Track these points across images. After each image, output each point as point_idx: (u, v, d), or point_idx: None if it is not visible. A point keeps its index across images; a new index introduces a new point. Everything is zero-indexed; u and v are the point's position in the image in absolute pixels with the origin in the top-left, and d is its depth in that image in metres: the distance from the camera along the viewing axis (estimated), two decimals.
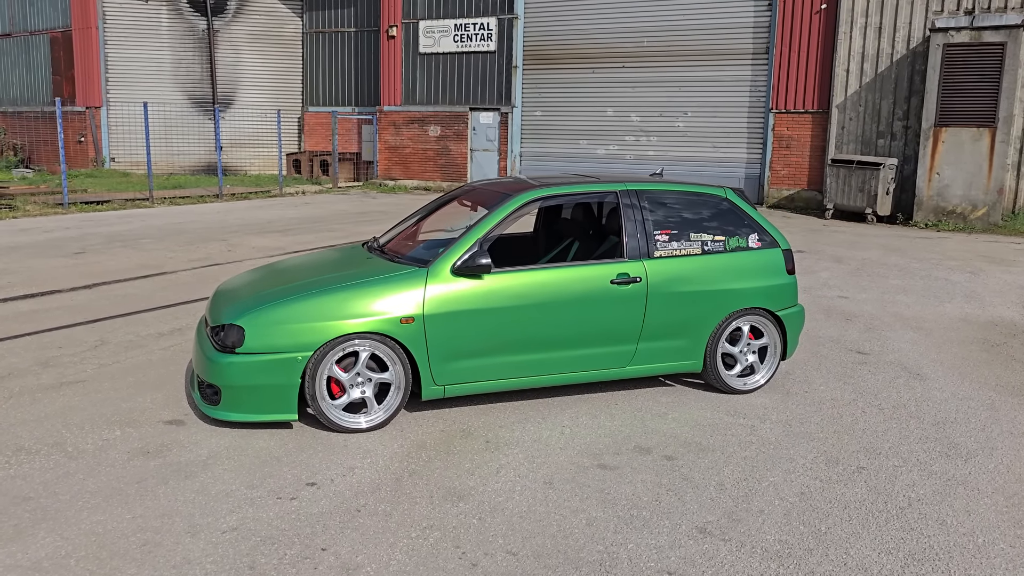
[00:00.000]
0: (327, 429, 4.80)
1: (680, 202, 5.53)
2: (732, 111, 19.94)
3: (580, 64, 21.47)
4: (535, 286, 5.02)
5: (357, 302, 4.72)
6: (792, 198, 19.10)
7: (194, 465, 4.29)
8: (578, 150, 21.82)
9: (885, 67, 17.84)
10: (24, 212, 15.76)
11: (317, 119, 26.35)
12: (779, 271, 5.65)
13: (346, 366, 4.77)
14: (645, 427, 4.97)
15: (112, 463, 4.29)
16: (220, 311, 4.91)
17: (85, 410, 5.07)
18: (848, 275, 10.54)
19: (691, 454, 4.57)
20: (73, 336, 6.86)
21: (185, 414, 5.03)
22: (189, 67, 25.92)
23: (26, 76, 27.87)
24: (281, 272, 5.43)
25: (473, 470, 4.31)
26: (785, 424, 5.08)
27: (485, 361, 4.99)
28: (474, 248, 4.92)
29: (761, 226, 5.70)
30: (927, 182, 16.54)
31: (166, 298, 8.41)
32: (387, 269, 5.00)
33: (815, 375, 6.14)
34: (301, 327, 4.62)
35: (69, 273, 9.65)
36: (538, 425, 4.97)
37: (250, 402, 4.64)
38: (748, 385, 5.65)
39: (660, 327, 5.32)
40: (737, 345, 5.62)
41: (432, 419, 5.05)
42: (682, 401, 5.47)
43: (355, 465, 4.33)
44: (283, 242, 12.49)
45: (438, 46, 22.92)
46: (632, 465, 4.40)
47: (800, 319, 5.81)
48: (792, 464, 4.47)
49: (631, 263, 5.26)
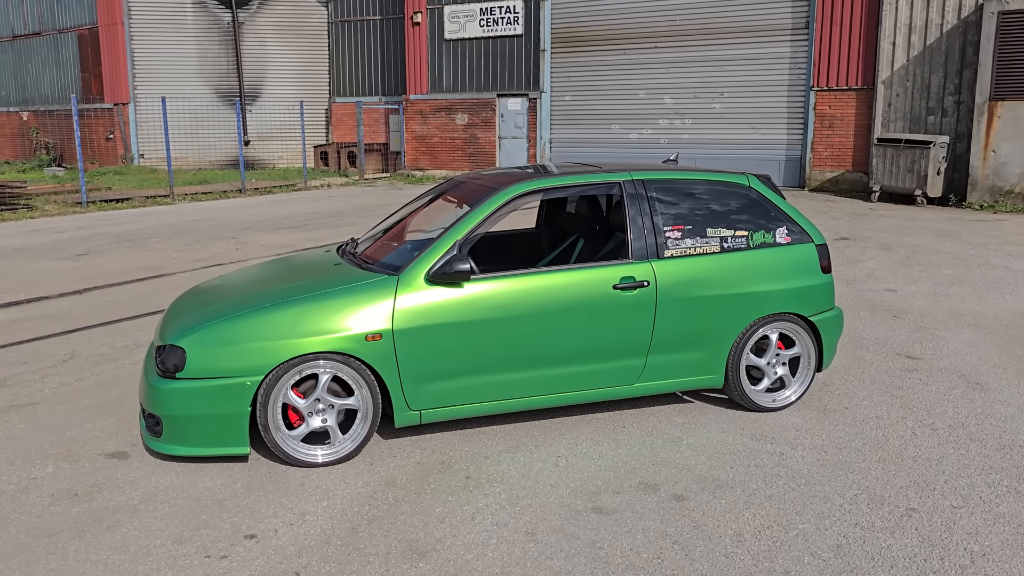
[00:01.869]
0: (283, 462, 4.19)
1: (695, 192, 4.78)
2: (771, 90, 18.92)
3: (610, 45, 20.60)
4: (524, 294, 4.33)
5: (315, 317, 4.08)
6: (836, 180, 18.07)
7: (122, 511, 3.70)
8: (610, 135, 20.98)
9: (934, 39, 16.70)
10: (42, 212, 15.49)
11: (344, 110, 25.85)
12: (812, 270, 4.89)
13: (305, 391, 4.14)
14: (654, 456, 4.27)
15: (30, 509, 3.73)
16: (167, 328, 4.31)
17: (24, 440, 4.53)
18: (896, 264, 9.65)
19: (705, 492, 3.86)
20: (43, 349, 6.35)
21: (132, 445, 4.46)
22: (215, 60, 25.59)
23: (56, 74, 27.84)
24: (237, 283, 4.81)
25: (445, 515, 3.66)
26: (820, 451, 4.34)
27: (467, 381, 4.32)
28: (452, 252, 4.25)
29: (790, 218, 4.93)
30: (982, 160, 15.43)
31: (155, 303, 7.89)
32: (353, 277, 4.35)
33: (857, 386, 5.36)
34: (250, 347, 4.00)
35: (64, 277, 9.21)
36: (529, 455, 4.30)
37: (195, 434, 4.04)
38: (777, 402, 4.91)
39: (673, 338, 4.61)
40: (764, 356, 4.87)
41: (409, 448, 4.40)
42: (700, 422, 4.75)
43: (307, 510, 3.71)
44: (295, 239, 11.95)
45: (464, 31, 22.22)
46: (634, 508, 3.71)
47: (838, 325, 5.03)
48: (827, 505, 3.73)
49: (637, 265, 4.54)
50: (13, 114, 29.30)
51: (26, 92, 28.93)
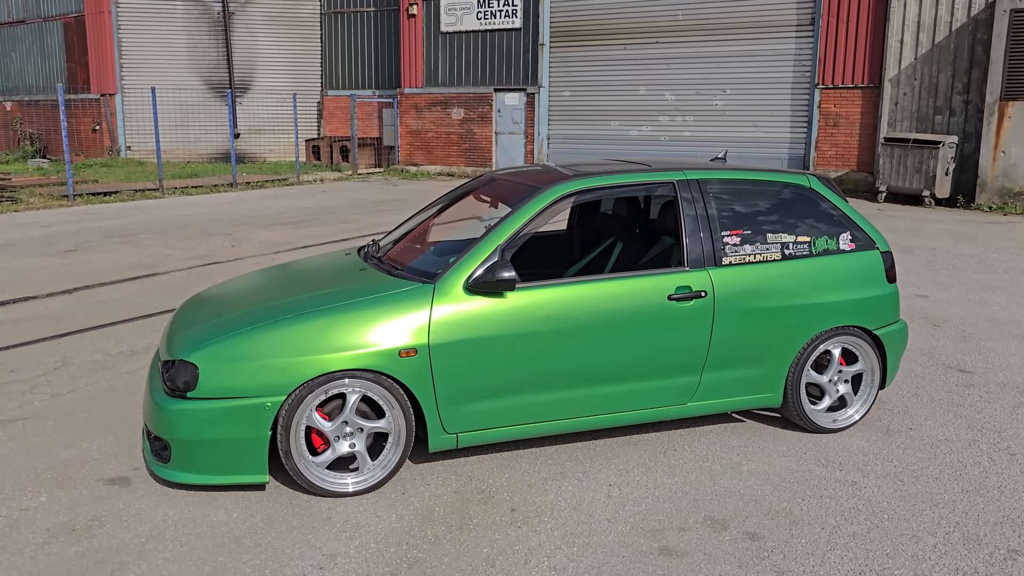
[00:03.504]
0: (306, 491, 3.76)
1: (753, 194, 4.38)
2: (774, 87, 18.57)
3: (611, 40, 20.18)
4: (572, 305, 3.92)
5: (343, 330, 3.65)
6: (840, 180, 17.74)
7: (127, 551, 3.27)
8: (609, 131, 20.57)
9: (943, 37, 16.39)
10: (28, 205, 14.94)
11: (337, 103, 25.30)
12: (877, 279, 4.50)
13: (330, 412, 3.72)
14: (716, 486, 3.87)
15: (21, 548, 3.28)
16: (173, 340, 3.87)
17: (14, 462, 4.08)
18: (921, 268, 9.31)
19: (781, 530, 3.46)
20: (32, 355, 5.89)
21: (134, 469, 4.02)
22: (205, 51, 24.97)
23: (40, 64, 27.12)
24: (250, 289, 4.36)
25: (494, 557, 3.24)
26: (895, 480, 3.95)
27: (508, 401, 3.90)
28: (494, 258, 3.83)
29: (854, 222, 4.54)
30: (991, 161, 15.15)
31: (150, 305, 7.42)
32: (383, 285, 3.92)
33: (916, 403, 4.99)
34: (270, 364, 3.56)
35: (52, 275, 8.71)
36: (577, 483, 3.89)
37: (207, 460, 3.61)
38: (839, 422, 4.52)
39: (730, 353, 4.21)
40: (825, 373, 4.48)
41: (443, 474, 3.98)
42: (757, 444, 4.35)
43: (338, 551, 3.29)
44: (292, 236, 11.48)
45: (460, 24, 21.74)
46: (705, 549, 3.31)
47: (903, 339, 4.65)
48: (919, 546, 3.34)
49: (693, 273, 4.14)
50: None
51: (10, 81, 28.18)
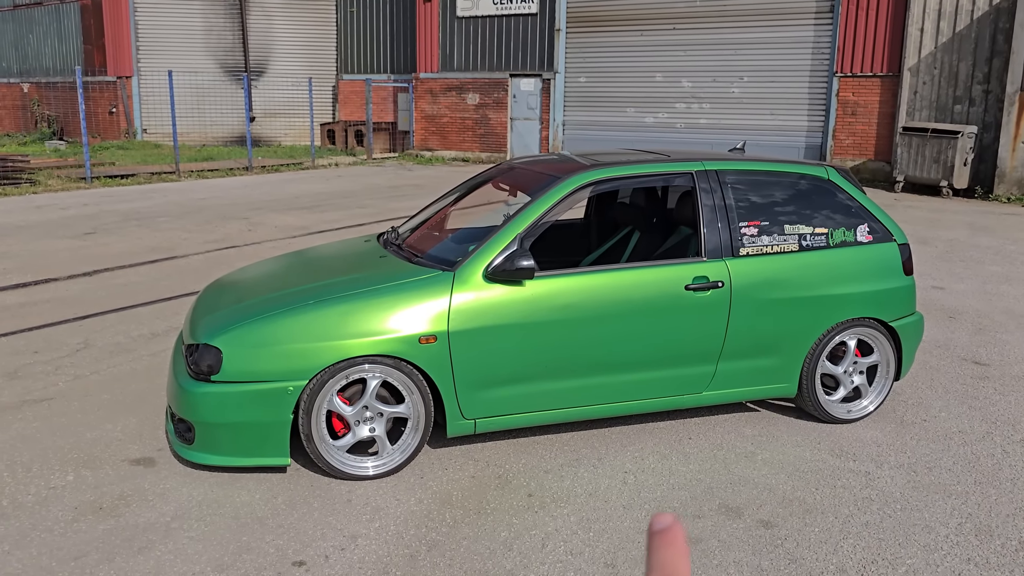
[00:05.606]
0: (327, 474, 3.83)
1: (771, 185, 4.40)
2: (792, 75, 18.45)
3: (627, 26, 20.10)
4: (590, 293, 3.96)
5: (364, 316, 3.71)
6: (857, 169, 17.65)
7: (154, 530, 3.35)
8: (625, 118, 20.51)
9: (964, 25, 16.24)
10: (46, 187, 15.06)
11: (352, 87, 25.31)
12: (894, 271, 4.51)
13: (351, 397, 3.78)
14: (730, 474, 3.92)
15: (51, 525, 3.37)
16: (197, 324, 3.93)
17: (40, 442, 4.17)
18: (937, 260, 9.28)
19: (795, 518, 3.51)
20: (54, 337, 5.98)
21: (158, 449, 4.10)
22: (220, 34, 25.01)
23: (58, 45, 27.23)
24: (271, 274, 4.42)
25: (511, 541, 3.30)
26: (909, 470, 3.98)
27: (526, 388, 3.95)
28: (513, 247, 3.88)
29: (872, 214, 4.55)
30: (1011, 152, 15.05)
31: (169, 288, 7.51)
32: (403, 272, 3.97)
33: (930, 395, 5.01)
34: (292, 348, 3.63)
35: (72, 257, 8.81)
36: (593, 470, 3.94)
37: (230, 443, 3.68)
38: (853, 413, 4.55)
39: (746, 343, 4.24)
40: (841, 364, 4.50)
41: (460, 459, 4.04)
42: (771, 434, 4.39)
43: (359, 532, 3.35)
44: (308, 220, 11.55)
45: (477, 8, 21.68)
46: (720, 536, 3.36)
47: (919, 331, 4.67)
48: (931, 536, 3.38)
49: (711, 263, 4.17)
50: (14, 85, 28.71)
51: (27, 63, 28.33)
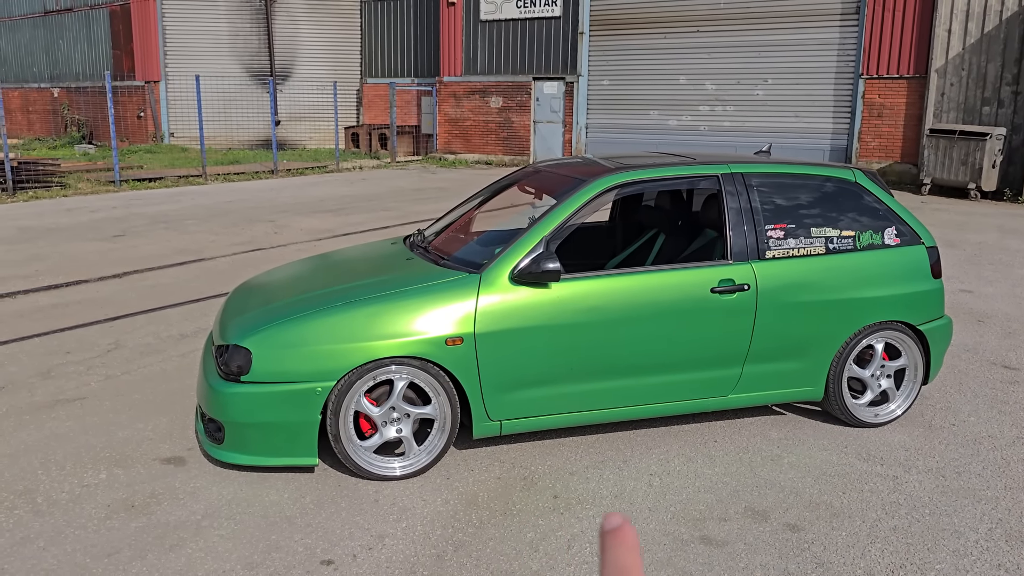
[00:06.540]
0: (354, 474, 3.87)
1: (797, 188, 4.39)
2: (817, 77, 18.33)
3: (650, 29, 20.07)
4: (616, 296, 3.97)
5: (391, 318, 3.74)
6: (883, 172, 17.49)
7: (185, 528, 3.40)
8: (648, 121, 20.47)
9: (992, 26, 16.06)
10: (76, 190, 15.29)
11: (376, 91, 25.47)
12: (922, 274, 4.49)
13: (378, 398, 3.82)
14: (756, 477, 3.91)
15: (85, 523, 3.43)
16: (227, 326, 3.99)
17: (73, 440, 4.24)
18: (965, 263, 9.19)
19: (822, 522, 3.50)
20: (86, 337, 6.08)
21: (188, 449, 4.16)
22: (247, 39, 25.27)
23: (87, 51, 27.63)
24: (302, 276, 4.47)
25: (537, 542, 3.32)
26: (937, 475, 3.96)
27: (552, 390, 3.97)
28: (539, 249, 3.90)
29: (899, 217, 4.52)
30: None
31: (198, 290, 7.60)
32: (429, 275, 4.01)
33: (958, 399, 4.97)
34: (321, 350, 3.67)
35: (102, 259, 8.95)
36: (619, 472, 3.95)
37: (259, 443, 3.73)
38: (880, 417, 4.52)
39: (772, 346, 4.23)
40: (868, 368, 4.48)
41: (486, 460, 4.07)
42: (798, 437, 4.38)
43: (386, 532, 3.39)
44: (333, 223, 11.64)
45: (500, 12, 21.74)
46: (746, 539, 3.35)
47: (947, 334, 4.63)
48: (961, 541, 3.36)
49: (737, 266, 4.16)
50: (44, 90, 29.17)
51: (57, 68, 28.77)
